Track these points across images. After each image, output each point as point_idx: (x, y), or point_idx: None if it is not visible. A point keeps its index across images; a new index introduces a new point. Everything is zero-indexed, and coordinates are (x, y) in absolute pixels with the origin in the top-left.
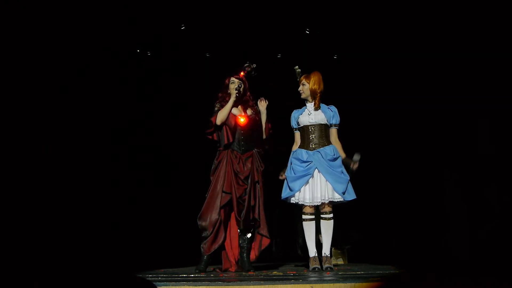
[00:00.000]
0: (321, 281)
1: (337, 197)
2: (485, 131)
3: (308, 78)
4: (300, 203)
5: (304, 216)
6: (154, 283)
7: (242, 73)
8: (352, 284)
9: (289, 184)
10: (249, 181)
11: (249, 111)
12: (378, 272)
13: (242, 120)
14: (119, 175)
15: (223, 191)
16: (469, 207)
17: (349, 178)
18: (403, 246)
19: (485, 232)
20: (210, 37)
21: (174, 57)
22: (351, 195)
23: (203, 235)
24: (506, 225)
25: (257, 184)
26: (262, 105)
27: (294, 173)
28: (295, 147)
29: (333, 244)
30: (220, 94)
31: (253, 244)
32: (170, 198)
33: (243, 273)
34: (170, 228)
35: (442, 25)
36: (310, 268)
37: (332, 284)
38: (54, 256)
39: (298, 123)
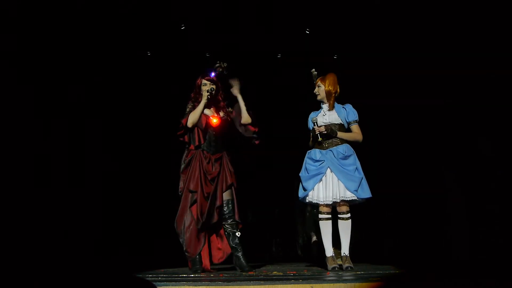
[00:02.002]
0: (321, 281)
1: (349, 195)
2: (485, 131)
3: (323, 80)
4: (314, 201)
5: (320, 216)
6: (154, 283)
7: (213, 74)
8: (352, 284)
9: (303, 184)
10: (215, 182)
11: (221, 113)
12: (378, 272)
13: (214, 121)
14: (119, 174)
15: (189, 190)
16: (469, 207)
17: (362, 176)
18: (403, 246)
19: (485, 232)
20: (210, 37)
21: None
22: (365, 193)
23: (181, 240)
24: (506, 225)
25: (232, 186)
26: (236, 87)
27: (308, 173)
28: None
29: (334, 244)
30: (192, 95)
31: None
32: (170, 197)
33: (243, 273)
34: (170, 228)
35: (440, 26)
36: (329, 268)
37: (332, 284)
38: (54, 256)
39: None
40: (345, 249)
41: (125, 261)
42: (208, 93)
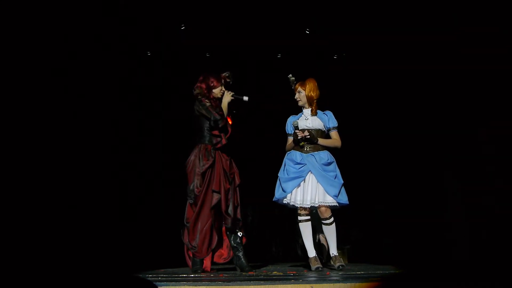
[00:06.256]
0: (321, 281)
1: (329, 200)
2: (485, 131)
3: (303, 85)
4: (291, 203)
5: (299, 218)
6: (154, 283)
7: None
8: (352, 284)
9: (282, 185)
10: (233, 182)
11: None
12: (378, 272)
13: (230, 122)
14: (119, 174)
15: (213, 191)
16: (469, 207)
17: (342, 182)
18: (403, 246)
19: (485, 232)
20: (210, 37)
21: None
22: (344, 199)
23: (194, 243)
24: (506, 225)
25: (238, 186)
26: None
27: (288, 174)
28: (288, 149)
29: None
30: (204, 87)
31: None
32: (170, 197)
33: (243, 273)
34: (171, 228)
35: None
36: (313, 268)
37: (332, 284)
38: (54, 256)
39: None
40: (333, 250)
41: (125, 261)
42: (232, 96)
